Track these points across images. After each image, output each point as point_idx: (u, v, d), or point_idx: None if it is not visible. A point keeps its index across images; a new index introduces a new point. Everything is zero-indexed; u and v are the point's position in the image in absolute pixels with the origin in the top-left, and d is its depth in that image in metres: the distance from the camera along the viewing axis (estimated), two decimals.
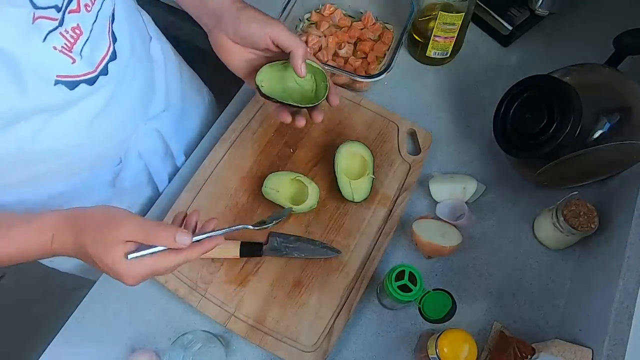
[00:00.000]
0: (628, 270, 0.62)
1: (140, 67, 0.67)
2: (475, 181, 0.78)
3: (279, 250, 0.71)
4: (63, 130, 0.56)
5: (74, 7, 0.51)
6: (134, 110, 0.69)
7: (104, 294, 0.71)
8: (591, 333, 0.63)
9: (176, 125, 0.81)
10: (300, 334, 0.67)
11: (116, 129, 0.66)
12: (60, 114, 0.54)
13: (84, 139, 0.60)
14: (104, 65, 0.57)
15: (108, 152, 0.69)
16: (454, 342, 0.59)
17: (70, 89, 0.52)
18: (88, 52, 0.53)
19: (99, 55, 0.56)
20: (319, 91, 0.64)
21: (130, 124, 0.70)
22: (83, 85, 0.54)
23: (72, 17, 0.50)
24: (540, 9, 0.87)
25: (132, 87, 0.65)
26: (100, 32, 0.55)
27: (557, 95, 0.66)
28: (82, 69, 0.53)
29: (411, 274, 0.62)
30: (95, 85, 0.55)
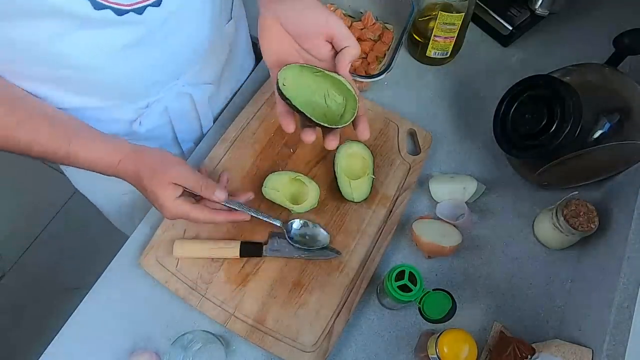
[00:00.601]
0: (628, 270, 0.62)
1: (186, 30, 0.65)
2: (475, 181, 0.78)
3: (279, 251, 0.71)
4: (87, 44, 0.56)
5: None
6: (169, 66, 0.68)
7: (104, 294, 0.71)
8: (591, 333, 0.63)
9: (212, 103, 0.82)
10: (300, 334, 0.67)
11: (144, 73, 0.66)
12: (83, 29, 0.54)
13: (106, 64, 0.60)
14: (143, 6, 0.56)
15: (134, 90, 0.69)
16: (454, 342, 0.59)
17: (95, 8, 0.52)
18: None
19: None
20: (344, 116, 0.57)
21: (163, 76, 0.70)
22: (108, 12, 0.53)
23: None
24: (540, 9, 0.87)
25: (171, 43, 0.64)
26: None
27: (557, 95, 0.66)
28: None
29: (411, 274, 0.62)
30: (123, 17, 0.55)
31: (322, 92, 0.57)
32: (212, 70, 0.77)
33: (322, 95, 0.57)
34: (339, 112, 0.57)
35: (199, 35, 0.70)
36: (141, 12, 0.56)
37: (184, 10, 0.63)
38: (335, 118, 0.57)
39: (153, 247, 0.71)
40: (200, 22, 0.69)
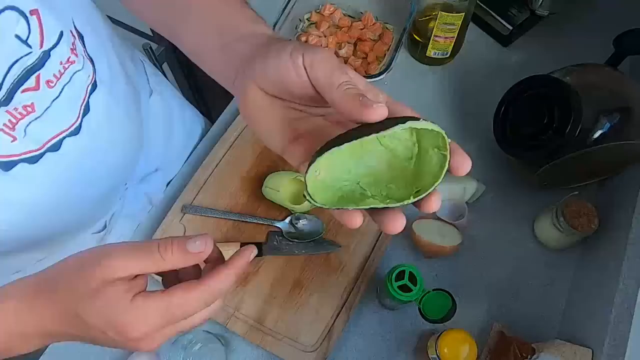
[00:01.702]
0: (628, 270, 0.62)
1: (120, 137, 0.60)
2: (475, 181, 0.78)
3: (279, 249, 0.71)
4: (8, 212, 0.49)
5: (32, 85, 0.44)
6: (112, 180, 0.62)
7: None
8: (591, 333, 0.63)
9: (165, 179, 0.78)
10: (300, 334, 0.67)
11: (89, 202, 0.60)
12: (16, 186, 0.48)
13: (43, 219, 0.54)
14: (57, 141, 0.49)
15: (85, 222, 0.63)
16: (454, 342, 0.59)
17: (4, 170, 0.45)
18: (36, 128, 0.46)
19: (52, 132, 0.48)
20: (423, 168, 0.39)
21: (110, 194, 0.64)
22: (23, 165, 0.47)
23: (26, 96, 0.44)
24: (540, 9, 0.87)
25: (105, 159, 0.58)
26: (64, 107, 0.48)
27: (557, 95, 0.66)
28: (23, 147, 0.46)
29: (411, 274, 0.62)
30: (38, 163, 0.48)
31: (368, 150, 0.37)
32: (155, 156, 0.73)
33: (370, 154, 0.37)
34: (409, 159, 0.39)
35: (135, 135, 0.64)
36: (57, 148, 0.50)
37: (113, 124, 0.57)
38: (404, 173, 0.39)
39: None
40: (133, 123, 0.63)
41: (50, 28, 0.44)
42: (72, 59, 0.48)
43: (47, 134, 0.48)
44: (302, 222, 0.73)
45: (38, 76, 0.44)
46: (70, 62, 0.48)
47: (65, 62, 0.47)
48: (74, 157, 0.52)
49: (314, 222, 0.73)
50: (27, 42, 0.43)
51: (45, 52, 0.45)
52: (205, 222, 0.74)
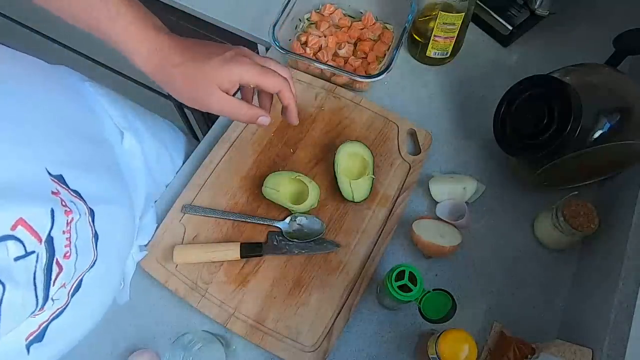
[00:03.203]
0: (628, 270, 0.62)
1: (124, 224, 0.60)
2: (475, 181, 0.78)
3: (279, 249, 0.71)
4: None
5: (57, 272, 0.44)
6: (124, 257, 0.64)
7: None
8: (591, 333, 0.63)
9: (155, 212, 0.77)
10: (300, 334, 0.67)
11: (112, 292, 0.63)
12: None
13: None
14: (77, 283, 0.49)
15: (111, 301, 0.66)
16: (454, 342, 0.59)
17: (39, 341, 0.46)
18: (60, 292, 0.47)
19: (73, 283, 0.49)
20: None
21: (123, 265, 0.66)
22: (53, 323, 0.47)
23: (58, 282, 0.45)
24: (540, 9, 0.87)
25: (117, 254, 0.60)
26: (84, 257, 0.49)
27: (557, 95, 0.66)
28: (51, 311, 0.46)
29: (411, 274, 0.62)
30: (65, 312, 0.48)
31: None
32: (142, 199, 0.72)
33: None
34: None
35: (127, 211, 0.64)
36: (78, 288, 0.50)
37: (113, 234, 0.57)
38: None
39: (153, 247, 0.72)
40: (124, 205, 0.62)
41: (38, 217, 0.42)
42: (70, 219, 0.46)
43: (70, 286, 0.48)
44: (302, 222, 0.73)
45: (57, 261, 0.44)
46: (69, 222, 0.46)
47: (66, 226, 0.46)
48: (93, 285, 0.52)
49: (313, 221, 0.73)
50: (27, 250, 0.41)
51: (47, 239, 0.43)
52: (205, 222, 0.74)
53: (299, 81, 0.86)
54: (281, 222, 0.74)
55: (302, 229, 0.73)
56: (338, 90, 0.85)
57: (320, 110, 0.83)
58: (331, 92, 0.85)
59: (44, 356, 0.48)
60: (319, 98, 0.85)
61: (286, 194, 0.75)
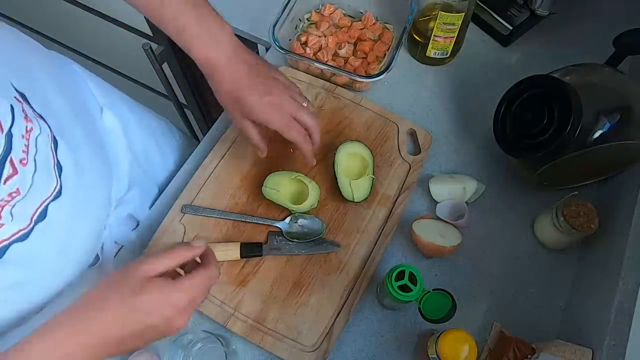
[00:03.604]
0: (628, 270, 0.62)
1: (92, 175, 0.61)
2: (475, 181, 0.78)
3: (278, 249, 0.71)
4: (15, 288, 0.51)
5: (10, 172, 0.45)
6: (97, 217, 0.64)
7: None
8: (591, 333, 0.63)
9: (146, 195, 0.78)
10: (300, 334, 0.67)
11: (82, 245, 0.61)
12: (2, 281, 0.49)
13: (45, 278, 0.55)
14: (42, 210, 0.50)
15: (81, 264, 0.64)
16: (454, 342, 0.59)
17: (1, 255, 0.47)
18: (21, 208, 0.47)
19: (36, 204, 0.49)
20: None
21: (98, 229, 0.65)
22: (15, 245, 0.48)
23: (10, 184, 0.45)
24: (540, 9, 0.87)
25: (88, 203, 0.59)
26: (44, 177, 0.49)
27: (557, 95, 0.66)
28: (11, 229, 0.47)
29: (411, 274, 0.62)
30: (29, 239, 0.49)
31: None
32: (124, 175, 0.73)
33: None
34: None
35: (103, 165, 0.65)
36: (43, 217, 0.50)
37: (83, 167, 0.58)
38: None
39: (153, 247, 0.71)
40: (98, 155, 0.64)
41: (1, 108, 0.44)
42: (29, 127, 0.48)
43: (32, 208, 0.49)
44: (302, 222, 0.73)
45: (11, 160, 0.45)
46: (29, 130, 0.47)
47: (25, 132, 0.47)
48: (60, 220, 0.53)
49: (314, 222, 0.73)
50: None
51: (7, 134, 0.44)
52: (205, 222, 0.74)
53: (299, 81, 0.86)
54: (281, 222, 0.74)
55: (302, 229, 0.73)
56: (338, 90, 0.85)
57: (320, 110, 0.83)
58: (331, 92, 0.85)
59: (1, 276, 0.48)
60: (319, 98, 0.85)
61: (286, 194, 0.75)
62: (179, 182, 0.79)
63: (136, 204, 0.76)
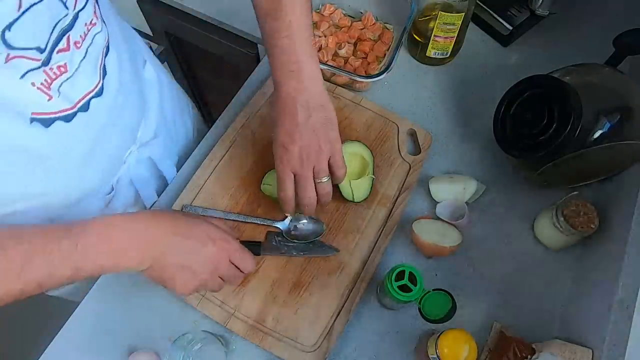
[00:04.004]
0: (628, 270, 0.62)
1: (129, 100, 0.65)
2: (475, 181, 0.78)
3: (277, 249, 0.71)
4: (39, 166, 0.54)
5: (64, 46, 0.49)
6: (122, 141, 0.67)
7: (104, 294, 0.71)
8: (591, 333, 0.63)
9: (168, 151, 0.80)
10: (300, 334, 0.67)
11: (103, 162, 0.64)
12: (35, 150, 0.52)
13: (65, 174, 0.58)
14: (86, 102, 0.54)
15: (97, 183, 0.67)
16: (454, 342, 0.59)
17: (45, 126, 0.50)
18: (68, 88, 0.51)
19: (81, 92, 0.54)
20: None
21: (120, 155, 0.68)
22: (59, 123, 0.52)
23: (60, 56, 0.48)
24: (540, 9, 0.87)
25: (119, 120, 0.63)
26: (89, 68, 0.54)
27: (557, 95, 0.66)
28: (58, 105, 0.51)
29: (411, 274, 0.62)
30: (72, 122, 0.53)
31: None
32: (153, 122, 0.76)
33: None
34: None
35: (140, 94, 0.69)
36: (86, 108, 0.55)
37: (124, 82, 0.62)
38: None
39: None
40: (138, 81, 0.68)
41: None
42: (94, 21, 0.53)
43: (77, 94, 0.53)
44: (303, 223, 0.73)
45: (68, 37, 0.49)
46: (92, 24, 0.53)
47: (89, 23, 0.52)
48: (99, 117, 0.58)
49: (314, 222, 0.73)
50: (66, 4, 0.48)
51: (76, 14, 0.49)
52: None
53: None
54: (281, 222, 0.74)
55: (302, 229, 0.73)
56: (338, 90, 0.85)
57: None
58: (331, 92, 0.85)
59: (42, 140, 0.52)
60: None
61: None
62: (179, 182, 0.79)
63: (159, 152, 0.77)
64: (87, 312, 0.70)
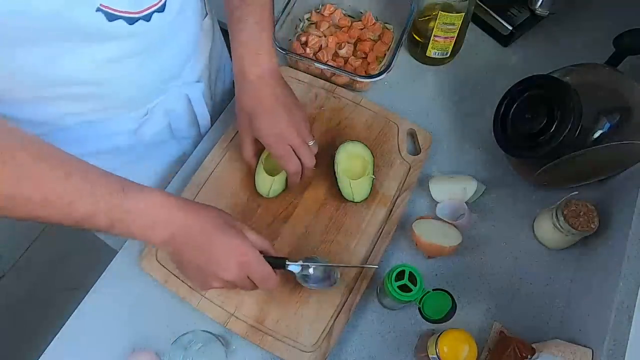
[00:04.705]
0: (628, 270, 0.62)
1: (184, 31, 0.68)
2: (475, 181, 0.78)
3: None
4: (92, 59, 0.57)
5: None
6: (170, 67, 0.70)
7: (104, 294, 0.71)
8: (591, 333, 0.63)
9: (205, 99, 0.82)
10: (300, 334, 0.67)
11: (147, 80, 0.67)
12: (93, 43, 0.55)
13: (113, 76, 0.61)
14: (149, 13, 0.56)
15: (136, 99, 0.70)
16: (454, 342, 0.59)
17: (108, 20, 0.52)
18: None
19: (147, 3, 0.55)
20: None
21: (164, 79, 0.71)
22: (121, 22, 0.53)
23: None
24: (540, 9, 0.87)
25: (171, 45, 0.66)
26: None
27: (557, 95, 0.66)
28: (125, 5, 0.53)
29: (411, 274, 0.62)
30: (134, 26, 0.55)
31: None
32: (199, 67, 0.79)
33: None
34: None
35: (194, 34, 0.72)
36: (149, 19, 0.56)
37: (184, 11, 0.64)
38: None
39: (153, 247, 0.71)
40: (195, 21, 0.71)
41: None
42: None
43: (143, 4, 0.55)
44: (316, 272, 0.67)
45: None
46: None
47: None
48: (158, 31, 0.60)
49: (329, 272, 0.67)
50: None
51: None
52: None
53: (299, 81, 0.86)
54: (294, 265, 0.65)
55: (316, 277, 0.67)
56: (338, 90, 0.85)
57: (320, 110, 0.83)
58: (331, 92, 0.85)
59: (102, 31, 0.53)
60: (319, 98, 0.85)
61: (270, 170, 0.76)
62: (179, 182, 0.79)
63: (197, 96, 0.79)
64: (88, 312, 0.70)
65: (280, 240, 0.73)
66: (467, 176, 0.78)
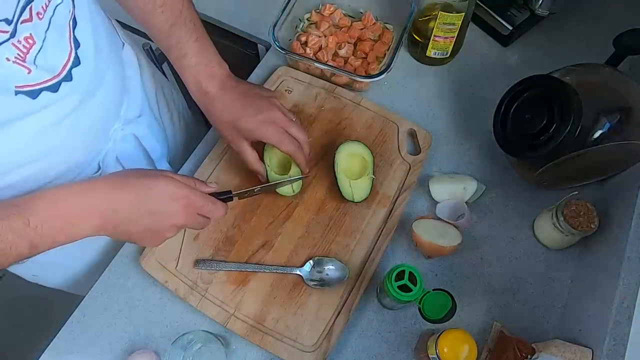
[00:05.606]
0: (628, 270, 0.62)
1: (110, 72, 0.66)
2: (475, 181, 0.78)
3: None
4: (28, 138, 0.55)
5: (27, 17, 0.49)
6: (106, 115, 0.68)
7: (104, 294, 0.71)
8: (591, 333, 0.63)
9: (154, 131, 0.81)
10: (300, 334, 0.67)
11: (88, 134, 0.65)
12: (24, 123, 0.53)
13: (53, 146, 0.59)
14: (67, 71, 0.55)
15: (83, 158, 0.67)
16: (454, 342, 0.59)
17: (32, 98, 0.51)
18: (42, 60, 0.51)
19: (59, 62, 0.54)
20: None
21: (104, 129, 0.69)
22: (46, 93, 0.53)
23: (24, 27, 0.49)
24: (540, 9, 0.87)
25: (102, 91, 0.64)
26: (58, 39, 0.54)
27: (557, 95, 0.66)
28: (39, 77, 0.52)
29: (411, 274, 0.62)
30: (59, 92, 0.55)
31: None
32: (137, 101, 0.77)
33: None
34: None
35: (119, 70, 0.70)
36: (70, 78, 0.56)
37: (100, 51, 0.63)
38: None
39: (153, 247, 0.71)
40: (116, 58, 0.70)
41: None
42: None
43: (56, 64, 0.54)
44: (325, 269, 0.70)
45: (31, 8, 0.49)
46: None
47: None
48: (82, 86, 0.59)
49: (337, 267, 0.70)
50: None
51: None
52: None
53: (298, 81, 0.86)
54: (301, 269, 0.70)
55: (325, 277, 0.70)
56: (338, 90, 0.85)
57: (320, 110, 0.83)
58: (331, 92, 0.85)
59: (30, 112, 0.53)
60: (319, 98, 0.85)
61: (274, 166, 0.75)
62: None
63: (144, 131, 0.78)
64: (87, 312, 0.70)
65: (280, 240, 0.73)
66: (467, 176, 0.78)
